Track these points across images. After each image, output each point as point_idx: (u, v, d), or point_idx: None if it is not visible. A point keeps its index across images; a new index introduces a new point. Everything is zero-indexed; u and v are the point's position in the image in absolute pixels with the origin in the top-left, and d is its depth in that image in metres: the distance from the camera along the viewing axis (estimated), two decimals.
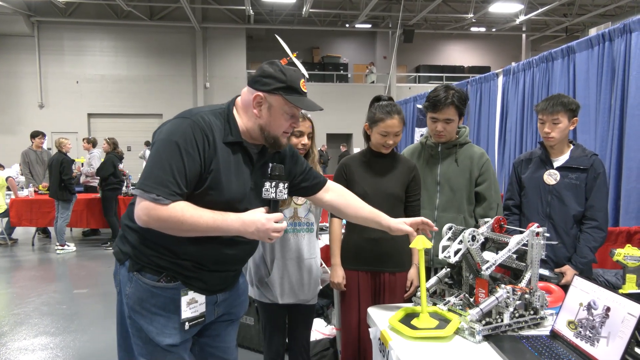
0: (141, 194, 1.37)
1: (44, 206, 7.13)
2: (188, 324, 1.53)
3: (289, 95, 1.48)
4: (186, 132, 1.40)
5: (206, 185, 1.43)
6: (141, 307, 1.49)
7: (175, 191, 1.37)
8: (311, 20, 17.20)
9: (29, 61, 15.67)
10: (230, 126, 1.50)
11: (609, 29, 4.17)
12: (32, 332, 3.84)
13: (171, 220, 1.37)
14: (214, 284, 1.59)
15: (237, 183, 1.49)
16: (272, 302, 2.22)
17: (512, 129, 5.81)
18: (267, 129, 1.52)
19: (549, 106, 2.37)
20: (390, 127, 2.18)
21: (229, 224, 1.42)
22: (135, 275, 1.50)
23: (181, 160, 1.37)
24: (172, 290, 1.50)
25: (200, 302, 1.55)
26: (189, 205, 1.40)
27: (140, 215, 1.38)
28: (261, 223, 1.42)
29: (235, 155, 1.51)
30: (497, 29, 18.12)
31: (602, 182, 2.35)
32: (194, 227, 1.39)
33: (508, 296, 1.58)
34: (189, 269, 1.51)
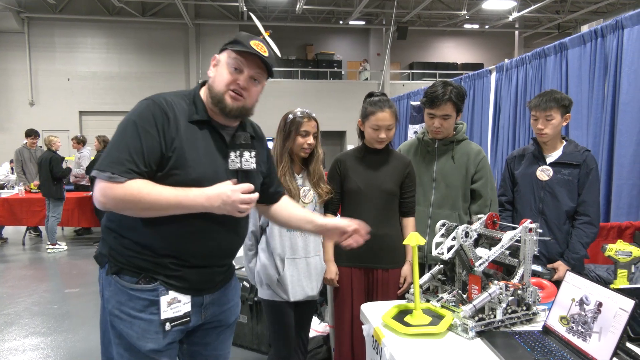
0: (97, 174, 1.33)
1: (34, 205, 7.06)
2: (169, 324, 1.43)
3: (234, 46, 1.43)
4: (143, 112, 1.38)
5: (170, 164, 1.37)
6: (120, 311, 1.42)
7: (131, 169, 1.32)
8: (305, 17, 17.15)
9: (19, 58, 15.47)
10: (195, 106, 1.46)
11: (601, 25, 4.18)
12: (22, 332, 3.80)
13: (128, 199, 1.31)
14: (198, 282, 1.49)
15: (206, 162, 1.42)
16: (283, 300, 2.21)
17: (505, 125, 5.83)
18: (212, 85, 1.46)
19: (542, 102, 2.37)
20: (382, 120, 2.18)
21: (192, 199, 1.35)
22: (113, 278, 1.43)
23: (138, 138, 1.34)
24: (151, 292, 1.42)
25: (183, 302, 1.46)
26: (147, 183, 1.34)
27: (97, 196, 1.34)
28: (226, 195, 1.35)
29: (204, 135, 1.45)
30: (490, 26, 18.16)
31: (594, 178, 2.36)
32: (153, 205, 1.33)
33: (501, 292, 1.58)
34: (169, 267, 1.43)
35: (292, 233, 2.21)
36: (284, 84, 17.05)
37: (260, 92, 1.53)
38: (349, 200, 2.30)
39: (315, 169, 2.28)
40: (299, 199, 2.21)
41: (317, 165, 2.28)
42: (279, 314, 2.24)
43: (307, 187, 2.26)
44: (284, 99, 15.28)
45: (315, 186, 2.27)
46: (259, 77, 1.49)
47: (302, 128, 2.20)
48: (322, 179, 2.30)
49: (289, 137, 2.21)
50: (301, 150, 2.23)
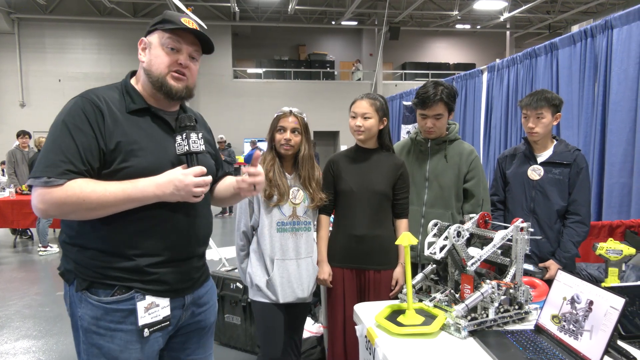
0: (33, 182, 1.24)
1: (25, 207, 6.99)
2: (148, 330, 1.36)
3: (165, 25, 1.37)
4: (73, 109, 1.30)
5: (119, 158, 1.30)
6: (98, 327, 1.34)
7: (68, 169, 1.24)
8: (297, 17, 17.14)
9: (9, 59, 15.33)
10: (130, 95, 1.39)
11: (591, 25, 4.22)
12: (13, 336, 3.76)
13: (70, 201, 1.23)
14: (176, 282, 1.42)
15: (155, 149, 1.36)
16: (273, 302, 2.20)
17: (496, 125, 5.86)
18: (149, 69, 1.38)
19: (532, 101, 2.39)
20: (358, 107, 2.23)
21: (142, 190, 1.28)
22: (84, 294, 1.34)
23: (70, 138, 1.26)
24: (128, 302, 1.34)
25: (162, 306, 1.39)
26: (89, 181, 1.26)
27: (36, 204, 1.25)
28: (178, 180, 1.28)
29: (147, 123, 1.39)
30: (482, 26, 18.26)
31: (584, 177, 2.38)
32: (100, 202, 1.24)
33: (493, 291, 1.58)
34: (144, 271, 1.35)
35: (282, 234, 2.20)
36: (277, 84, 17.04)
37: (197, 69, 1.48)
38: (342, 201, 2.29)
39: (303, 168, 2.24)
40: (288, 197, 2.20)
41: (305, 164, 2.24)
42: (268, 316, 2.23)
43: (296, 187, 2.25)
44: (277, 100, 15.28)
45: (305, 187, 2.25)
46: (197, 54, 1.45)
47: (279, 124, 2.19)
48: (313, 179, 2.26)
49: (272, 135, 2.23)
50: (281, 147, 2.20)
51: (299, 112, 2.22)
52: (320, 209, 2.33)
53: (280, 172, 2.20)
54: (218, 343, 3.47)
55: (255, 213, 2.23)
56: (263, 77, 17.26)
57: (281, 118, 2.19)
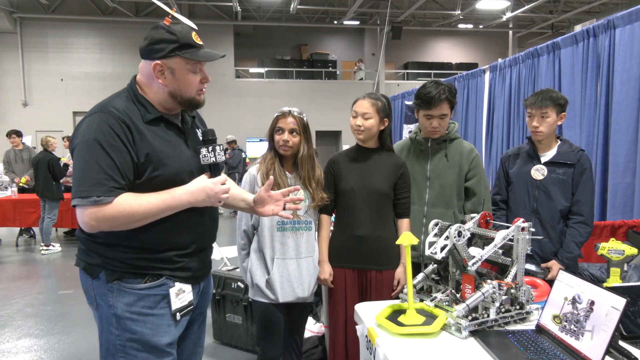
0: (80, 202, 1.32)
1: (27, 206, 7.01)
2: (179, 314, 1.51)
3: (186, 51, 1.44)
4: (101, 126, 1.36)
5: (150, 169, 1.41)
6: (131, 312, 1.44)
7: (113, 186, 1.33)
8: (299, 16, 17.13)
9: (11, 58, 15.37)
10: (143, 106, 1.47)
11: (593, 25, 4.21)
12: (15, 334, 3.77)
13: (121, 216, 1.34)
14: (197, 269, 1.58)
15: (176, 155, 1.48)
16: (272, 301, 2.20)
17: (499, 124, 5.85)
18: (177, 93, 1.49)
19: (538, 100, 2.38)
20: (359, 107, 2.23)
21: (178, 199, 1.42)
22: (116, 284, 1.44)
23: (107, 155, 1.34)
24: (160, 288, 1.47)
25: (187, 291, 1.55)
26: (133, 195, 1.37)
27: (88, 222, 1.33)
28: (209, 188, 1.45)
29: (163, 130, 1.49)
30: (484, 26, 18.22)
31: (588, 178, 2.37)
32: (146, 215, 1.37)
33: (494, 291, 1.58)
34: (172, 260, 1.49)
35: (283, 233, 2.20)
36: (279, 84, 17.04)
37: None
38: (342, 200, 2.29)
39: (302, 168, 2.23)
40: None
41: (305, 164, 2.23)
42: (267, 315, 2.23)
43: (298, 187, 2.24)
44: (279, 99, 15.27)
45: (305, 186, 2.25)
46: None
47: (277, 125, 2.20)
48: (314, 179, 2.25)
49: (272, 135, 2.23)
50: (280, 148, 2.21)
51: (299, 113, 2.21)
52: (321, 208, 2.32)
53: (281, 172, 2.20)
54: (219, 342, 3.47)
55: None
56: (265, 77, 17.26)
57: (280, 119, 2.19)
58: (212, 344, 3.47)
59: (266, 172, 2.17)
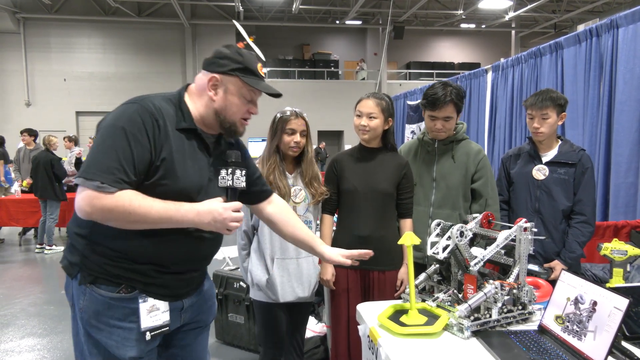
0: (83, 183, 1.24)
1: (30, 206, 7.02)
2: (149, 333, 1.39)
3: (247, 77, 1.41)
4: (133, 117, 1.30)
5: (159, 174, 1.32)
6: (98, 321, 1.36)
7: (121, 178, 1.25)
8: (301, 16, 17.15)
9: (15, 58, 15.44)
10: (182, 112, 1.41)
11: (596, 24, 4.20)
12: (18, 334, 3.79)
13: (117, 211, 1.24)
14: (177, 288, 1.46)
15: (193, 171, 1.39)
16: (273, 301, 2.20)
17: (501, 124, 5.84)
18: (222, 113, 1.43)
19: (537, 101, 2.37)
20: (363, 106, 2.21)
21: (183, 215, 1.31)
22: (88, 287, 1.36)
23: (128, 146, 1.26)
24: (131, 301, 1.37)
25: (162, 310, 1.42)
26: (137, 194, 1.28)
27: (82, 205, 1.25)
28: (218, 212, 1.33)
29: (190, 143, 1.41)
30: (487, 26, 18.20)
31: (589, 177, 2.36)
32: (143, 218, 1.27)
33: (496, 292, 1.57)
34: (147, 274, 1.38)
35: None
36: (281, 84, 17.04)
37: None
38: (345, 200, 2.29)
39: (307, 169, 2.25)
40: (289, 198, 2.19)
41: (309, 165, 2.26)
42: (268, 315, 2.24)
43: (298, 186, 2.25)
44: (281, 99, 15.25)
45: (307, 186, 2.25)
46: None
47: (288, 126, 2.18)
48: (315, 179, 2.27)
49: (275, 135, 2.21)
50: (289, 149, 2.21)
51: (303, 113, 2.23)
52: (324, 208, 2.32)
53: (281, 173, 2.20)
54: (221, 342, 3.48)
55: None
56: (267, 77, 17.23)
57: (290, 120, 2.18)
58: (215, 343, 3.48)
59: (267, 175, 2.16)
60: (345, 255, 1.71)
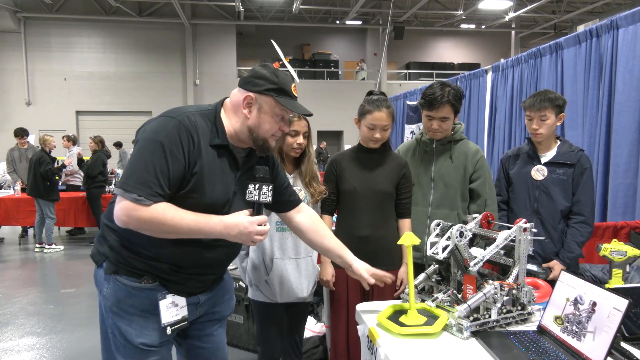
0: (122, 194, 1.34)
1: (29, 205, 7.03)
2: (170, 328, 1.50)
3: (280, 97, 1.47)
4: (171, 132, 1.37)
5: (189, 187, 1.41)
6: (119, 308, 1.47)
7: (157, 192, 1.34)
8: (301, 16, 17.15)
9: (15, 58, 15.43)
10: (217, 128, 1.48)
11: (596, 25, 4.20)
12: (18, 333, 3.79)
13: (152, 222, 1.34)
14: (192, 287, 1.56)
15: (220, 187, 1.47)
16: (271, 301, 2.20)
17: (501, 125, 5.84)
18: (256, 130, 1.49)
19: (536, 102, 2.38)
20: (378, 119, 2.17)
21: (212, 227, 1.40)
22: (112, 276, 1.47)
23: (165, 161, 1.35)
24: (151, 291, 1.47)
25: (180, 306, 1.52)
26: (171, 207, 1.37)
27: (120, 215, 1.35)
28: (244, 226, 1.41)
29: (221, 159, 1.48)
30: (487, 26, 18.20)
31: (588, 177, 2.37)
32: (175, 230, 1.37)
33: (496, 292, 1.57)
34: (166, 272, 1.49)
35: (282, 233, 2.20)
36: None
37: None
38: (345, 201, 2.29)
39: (307, 169, 2.25)
40: None
41: (309, 165, 2.26)
42: (267, 315, 2.24)
43: (298, 187, 2.25)
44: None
45: (307, 186, 2.25)
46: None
47: (291, 128, 2.18)
48: (315, 179, 2.27)
49: None
50: (291, 150, 2.21)
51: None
52: (323, 208, 2.32)
53: None
54: None
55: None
56: None
57: (293, 122, 2.17)
58: None
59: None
60: (371, 273, 1.77)
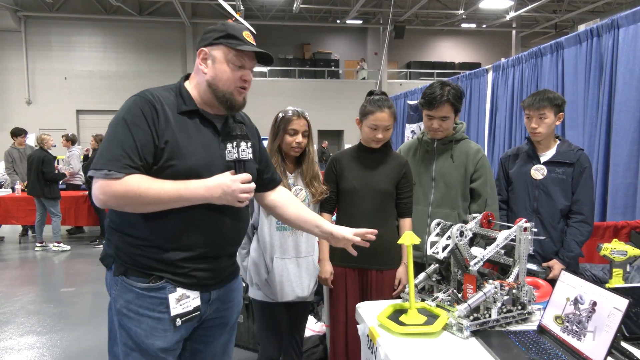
0: (94, 174, 1.34)
1: (30, 204, 7.03)
2: (180, 320, 1.45)
3: (230, 41, 1.44)
4: (132, 107, 1.39)
5: (165, 156, 1.38)
6: (128, 310, 1.43)
7: (127, 164, 1.33)
8: (302, 16, 17.13)
9: (15, 57, 15.43)
10: (182, 97, 1.47)
11: (597, 24, 4.19)
12: (18, 332, 3.79)
13: (128, 195, 1.32)
14: (205, 278, 1.50)
15: (201, 150, 1.43)
16: (272, 300, 2.20)
17: (501, 124, 5.84)
18: (215, 83, 1.46)
19: (535, 101, 2.38)
20: (380, 120, 2.17)
21: (193, 192, 1.37)
22: (120, 278, 1.44)
23: (129, 133, 1.35)
24: (159, 291, 1.43)
25: (192, 297, 1.48)
26: (146, 178, 1.35)
27: (97, 195, 1.34)
28: (226, 185, 1.37)
29: (195, 124, 1.46)
30: (488, 25, 18.19)
31: (587, 177, 2.37)
32: (154, 199, 1.33)
33: (496, 291, 1.57)
34: (175, 265, 1.43)
35: (282, 232, 2.20)
36: (281, 83, 17.04)
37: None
38: (344, 199, 2.29)
39: (308, 168, 2.25)
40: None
41: (310, 164, 2.26)
42: (267, 314, 2.24)
43: (299, 186, 2.24)
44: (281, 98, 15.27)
45: (308, 185, 2.25)
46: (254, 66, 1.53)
47: (290, 126, 2.18)
48: (315, 178, 2.27)
49: (277, 135, 2.21)
50: (291, 149, 2.21)
51: (305, 113, 2.23)
52: (323, 206, 2.32)
53: (282, 173, 2.19)
54: None
55: (255, 212, 2.23)
56: (268, 76, 17.27)
57: (292, 120, 2.18)
58: None
59: None
60: (354, 232, 1.69)
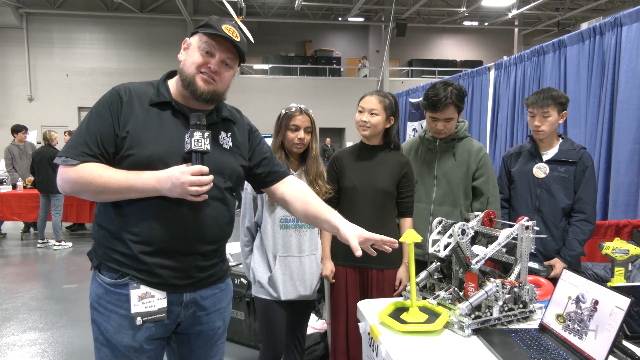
0: (57, 160, 1.38)
1: (31, 201, 7.04)
2: (140, 318, 1.39)
3: (206, 30, 1.41)
4: (101, 99, 1.42)
5: (126, 144, 1.37)
6: (99, 305, 1.43)
7: (83, 151, 1.35)
8: (303, 13, 17.10)
9: (17, 54, 15.44)
10: (158, 90, 1.46)
11: (600, 22, 4.17)
12: (20, 328, 3.80)
13: (80, 181, 1.34)
14: (171, 277, 1.42)
15: (161, 142, 1.38)
16: (275, 299, 2.20)
17: (503, 123, 5.82)
18: (181, 68, 1.43)
19: (539, 99, 2.37)
20: (366, 102, 2.21)
21: (144, 182, 1.33)
22: (94, 272, 1.46)
23: (93, 123, 1.38)
24: (123, 287, 1.40)
25: (157, 298, 1.41)
26: (100, 166, 1.35)
27: (57, 180, 1.39)
28: (175, 177, 1.30)
29: (165, 116, 1.42)
30: (490, 23, 18.14)
31: (590, 175, 2.37)
32: (105, 187, 1.33)
33: (497, 290, 1.58)
34: (137, 259, 1.38)
35: (285, 231, 2.20)
36: (283, 80, 17.02)
37: (232, 77, 1.49)
38: (345, 198, 2.29)
39: (312, 166, 2.25)
40: None
41: (314, 162, 2.25)
42: (270, 313, 2.24)
43: None
44: (283, 96, 15.26)
45: (312, 184, 2.24)
46: (231, 62, 1.46)
47: (292, 122, 2.18)
48: (320, 177, 2.26)
49: (280, 131, 2.21)
50: (293, 146, 2.21)
51: (308, 110, 2.23)
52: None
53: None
54: None
55: (259, 209, 2.23)
56: (269, 73, 17.26)
57: (294, 116, 2.18)
58: None
59: None
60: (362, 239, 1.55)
